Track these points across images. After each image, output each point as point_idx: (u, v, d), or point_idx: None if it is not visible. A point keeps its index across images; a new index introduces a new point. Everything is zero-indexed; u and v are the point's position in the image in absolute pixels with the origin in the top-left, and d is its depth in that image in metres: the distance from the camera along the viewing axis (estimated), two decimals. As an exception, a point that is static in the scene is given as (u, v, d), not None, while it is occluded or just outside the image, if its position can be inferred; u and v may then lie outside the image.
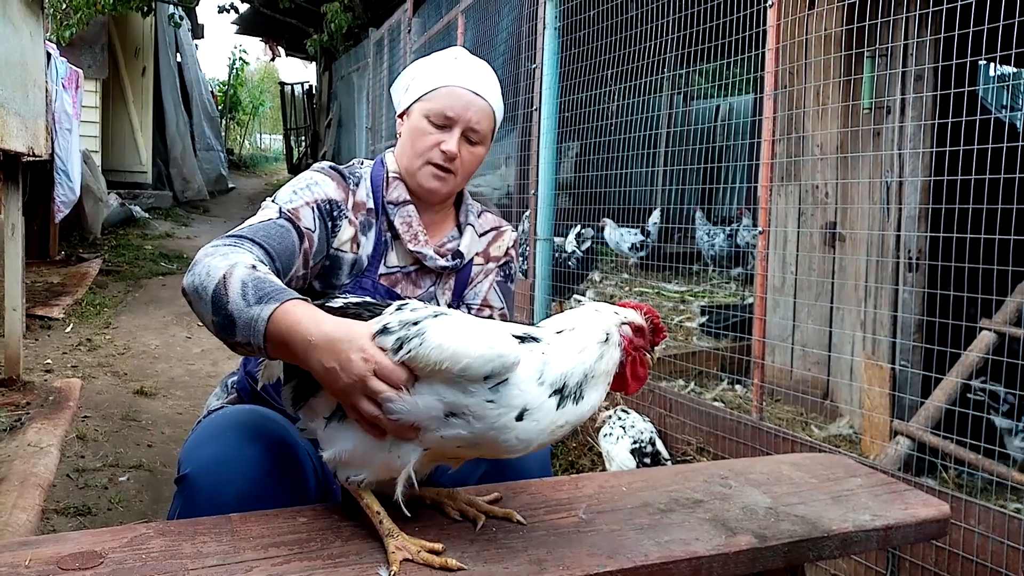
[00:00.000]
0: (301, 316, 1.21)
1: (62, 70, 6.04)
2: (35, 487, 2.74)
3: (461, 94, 1.61)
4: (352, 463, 1.22)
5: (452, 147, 1.60)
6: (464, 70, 1.64)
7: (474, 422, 1.15)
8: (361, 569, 1.15)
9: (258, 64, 31.46)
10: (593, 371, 1.22)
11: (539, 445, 1.20)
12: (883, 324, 3.35)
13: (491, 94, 1.66)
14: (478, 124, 1.63)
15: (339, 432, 1.23)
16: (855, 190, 3.56)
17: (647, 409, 3.47)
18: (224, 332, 1.26)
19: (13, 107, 3.44)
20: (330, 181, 1.61)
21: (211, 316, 1.26)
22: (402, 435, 1.18)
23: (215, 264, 1.29)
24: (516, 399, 1.15)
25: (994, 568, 2.16)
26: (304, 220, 1.52)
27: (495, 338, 1.16)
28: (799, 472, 1.69)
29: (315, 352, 1.18)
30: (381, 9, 11.22)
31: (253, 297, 1.23)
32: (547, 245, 4.34)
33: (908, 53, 3.15)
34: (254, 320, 1.22)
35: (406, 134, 1.66)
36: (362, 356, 1.15)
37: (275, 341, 1.22)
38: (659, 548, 1.28)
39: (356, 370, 1.15)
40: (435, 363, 1.13)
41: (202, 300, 1.27)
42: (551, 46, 4.29)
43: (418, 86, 1.65)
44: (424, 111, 1.62)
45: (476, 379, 1.13)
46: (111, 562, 1.11)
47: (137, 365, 4.67)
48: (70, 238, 7.81)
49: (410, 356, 1.15)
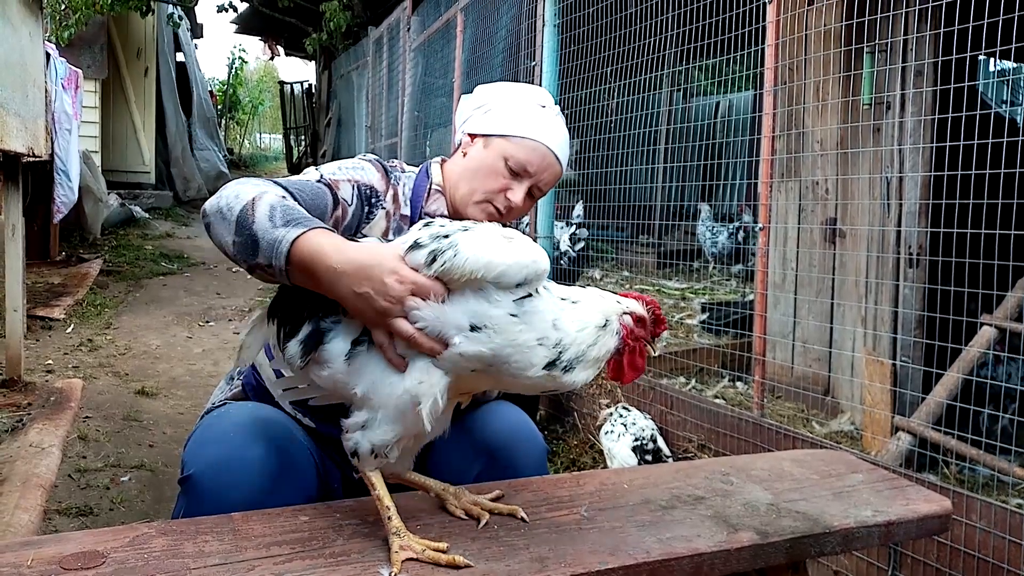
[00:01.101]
0: (325, 244, 1.21)
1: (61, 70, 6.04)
2: (37, 487, 2.74)
3: (545, 153, 1.61)
4: (375, 401, 1.20)
5: (518, 200, 1.60)
6: (552, 127, 1.63)
7: (495, 336, 1.16)
8: (363, 567, 1.15)
9: (257, 63, 31.45)
10: (583, 354, 1.22)
11: (542, 385, 1.21)
12: (884, 320, 3.35)
13: (565, 156, 1.67)
14: (546, 185, 1.64)
15: (364, 366, 1.21)
16: (855, 186, 3.55)
17: (648, 406, 3.47)
18: (244, 252, 1.25)
19: (13, 107, 3.44)
20: (375, 171, 1.62)
21: (232, 236, 1.26)
22: (432, 351, 1.17)
23: (244, 190, 1.30)
24: (538, 321, 1.18)
25: (996, 563, 2.16)
26: (343, 191, 1.53)
27: (528, 246, 1.19)
28: (800, 468, 1.69)
29: (343, 279, 1.18)
30: (380, 7, 11.21)
31: (280, 220, 1.24)
32: (547, 243, 4.34)
33: (908, 48, 3.15)
34: (278, 241, 1.21)
35: (477, 162, 1.63)
36: (396, 278, 1.17)
37: (298, 265, 1.21)
38: (661, 545, 1.28)
39: (393, 292, 1.16)
40: (471, 272, 1.15)
41: (225, 220, 1.27)
42: (550, 43, 4.28)
43: (504, 122, 1.62)
44: (506, 153, 1.60)
45: (509, 286, 1.16)
46: (113, 562, 1.11)
47: (138, 365, 4.67)
48: (70, 239, 7.81)
49: (444, 268, 1.16)
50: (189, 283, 7.30)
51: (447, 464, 1.58)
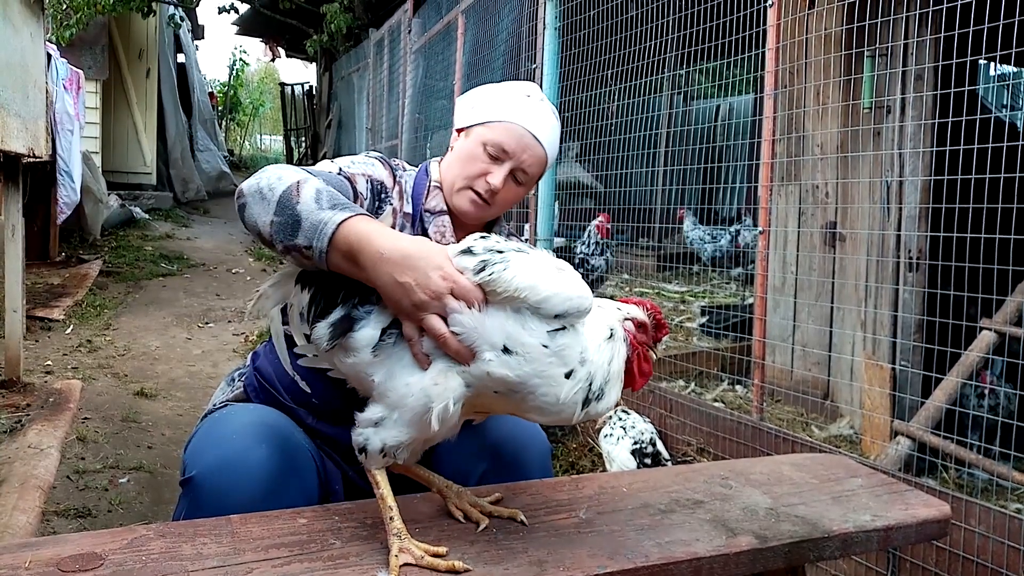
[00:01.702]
0: (375, 229, 1.22)
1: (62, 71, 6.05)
2: (35, 489, 2.74)
3: (522, 134, 1.61)
4: (392, 396, 1.20)
5: (497, 182, 1.60)
6: (532, 111, 1.63)
7: (524, 365, 1.17)
8: (361, 570, 1.15)
9: (258, 65, 31.48)
10: (609, 374, 1.23)
11: (564, 418, 1.22)
12: (883, 324, 3.35)
13: (549, 141, 1.66)
14: (529, 167, 1.63)
15: (387, 359, 1.21)
16: (855, 190, 3.55)
17: (647, 410, 3.47)
18: (283, 232, 1.24)
19: (13, 108, 3.44)
20: (383, 168, 1.64)
21: (272, 216, 1.25)
22: (459, 357, 1.18)
23: (287, 174, 1.30)
24: (568, 354, 1.18)
25: (995, 568, 2.16)
26: (359, 185, 1.55)
27: (576, 281, 1.21)
28: (800, 472, 1.69)
29: (386, 265, 1.18)
30: (381, 10, 11.22)
31: (327, 203, 1.24)
32: (547, 245, 4.34)
33: (908, 52, 3.15)
34: (323, 222, 1.21)
35: (458, 151, 1.66)
36: (440, 274, 1.18)
37: (341, 248, 1.21)
38: (660, 549, 1.27)
39: (434, 286, 1.17)
40: (515, 289, 1.16)
41: (265, 200, 1.27)
42: (551, 46, 4.29)
43: (484, 111, 1.64)
44: (483, 138, 1.62)
45: (548, 315, 1.17)
46: (111, 564, 1.11)
47: (137, 366, 4.67)
48: (70, 239, 7.80)
49: (491, 278, 1.17)
50: (189, 284, 7.30)
51: (452, 463, 1.58)
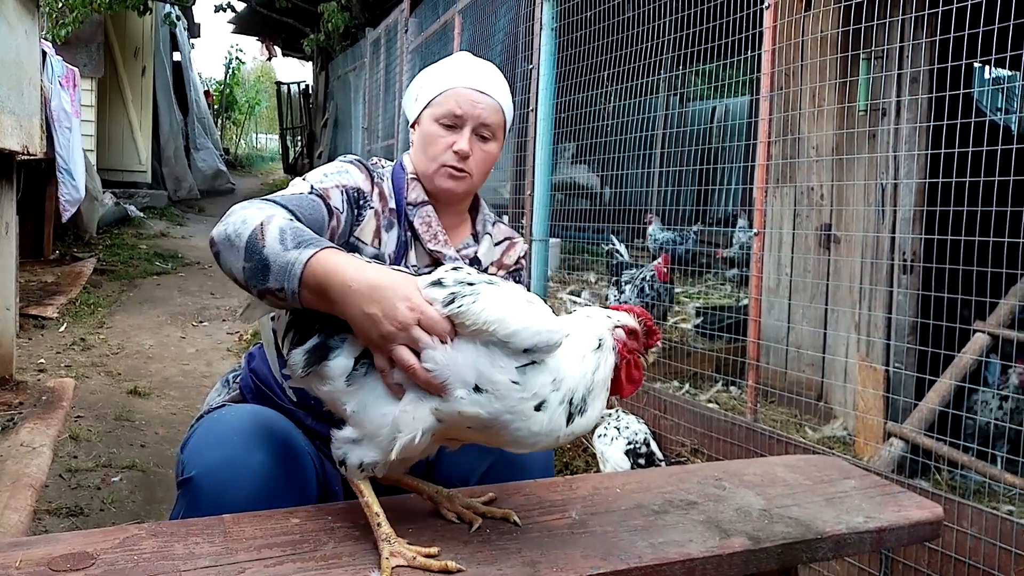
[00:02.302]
0: (342, 261, 1.21)
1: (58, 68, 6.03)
2: (27, 487, 2.73)
3: (467, 93, 1.62)
4: (367, 426, 1.20)
5: (464, 146, 1.61)
6: (467, 70, 1.65)
7: (495, 402, 1.15)
8: (354, 570, 1.14)
9: (254, 64, 31.40)
10: (593, 383, 1.22)
11: (543, 446, 1.20)
12: (877, 326, 3.35)
13: (497, 91, 1.67)
14: (488, 120, 1.64)
15: (360, 389, 1.21)
16: (850, 192, 3.56)
17: (642, 411, 3.47)
18: (255, 278, 1.24)
19: (8, 105, 3.43)
20: (359, 172, 1.63)
21: (242, 263, 1.25)
22: (429, 388, 1.17)
23: (251, 215, 1.29)
24: (540, 388, 1.17)
25: (986, 570, 2.17)
26: (334, 200, 1.53)
27: (546, 316, 1.20)
28: (793, 474, 1.69)
29: (355, 297, 1.18)
30: (378, 9, 11.22)
31: (292, 242, 1.24)
32: (543, 246, 4.34)
33: (904, 55, 3.16)
34: (291, 263, 1.21)
35: (419, 141, 1.67)
36: (407, 304, 1.17)
37: (311, 285, 1.21)
38: (653, 550, 1.28)
39: (401, 317, 1.16)
40: (484, 323, 1.15)
41: (234, 247, 1.26)
42: (548, 47, 4.29)
43: (426, 93, 1.66)
44: (433, 116, 1.63)
45: (517, 349, 1.15)
46: (103, 563, 1.11)
47: (131, 365, 4.65)
48: (64, 237, 7.78)
49: (460, 311, 1.16)
50: (183, 283, 7.28)
51: (457, 461, 1.58)
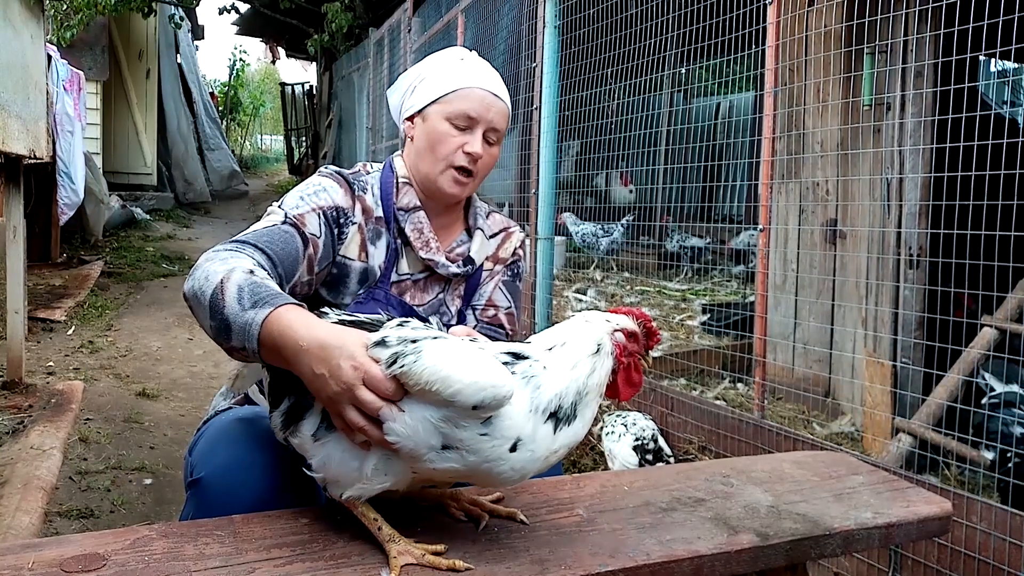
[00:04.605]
0: (294, 320, 1.20)
1: (63, 72, 6.05)
2: (38, 490, 2.75)
3: (482, 95, 1.60)
4: (340, 478, 1.21)
5: (477, 148, 1.59)
6: (479, 71, 1.63)
7: (468, 455, 1.14)
8: (364, 570, 1.15)
9: (259, 65, 31.47)
10: (586, 387, 1.21)
11: (536, 471, 1.19)
12: (884, 321, 3.35)
13: (504, 94, 1.66)
14: (498, 124, 1.63)
15: (326, 444, 1.22)
16: (856, 187, 3.55)
17: (649, 408, 3.47)
18: (221, 337, 1.26)
19: (14, 110, 3.45)
20: (338, 188, 1.59)
21: (209, 321, 1.26)
22: (381, 444, 1.16)
23: (214, 269, 1.29)
24: (509, 431, 1.14)
25: (996, 565, 2.16)
26: (309, 226, 1.51)
27: (492, 369, 1.14)
28: (801, 470, 1.69)
29: (305, 356, 1.17)
30: (381, 9, 11.21)
31: (248, 301, 1.23)
32: (548, 244, 4.34)
33: (908, 49, 3.15)
34: (248, 324, 1.21)
35: (423, 138, 1.63)
36: (352, 364, 1.14)
37: (268, 345, 1.21)
38: (661, 547, 1.28)
39: (344, 377, 1.14)
40: (426, 383, 1.11)
41: (201, 305, 1.27)
42: (551, 45, 4.28)
43: (431, 89, 1.63)
44: (444, 114, 1.60)
45: (465, 407, 1.11)
46: (114, 564, 1.11)
47: (139, 367, 4.67)
48: (71, 240, 7.81)
49: (403, 371, 1.13)
50: (190, 285, 7.30)
51: None
